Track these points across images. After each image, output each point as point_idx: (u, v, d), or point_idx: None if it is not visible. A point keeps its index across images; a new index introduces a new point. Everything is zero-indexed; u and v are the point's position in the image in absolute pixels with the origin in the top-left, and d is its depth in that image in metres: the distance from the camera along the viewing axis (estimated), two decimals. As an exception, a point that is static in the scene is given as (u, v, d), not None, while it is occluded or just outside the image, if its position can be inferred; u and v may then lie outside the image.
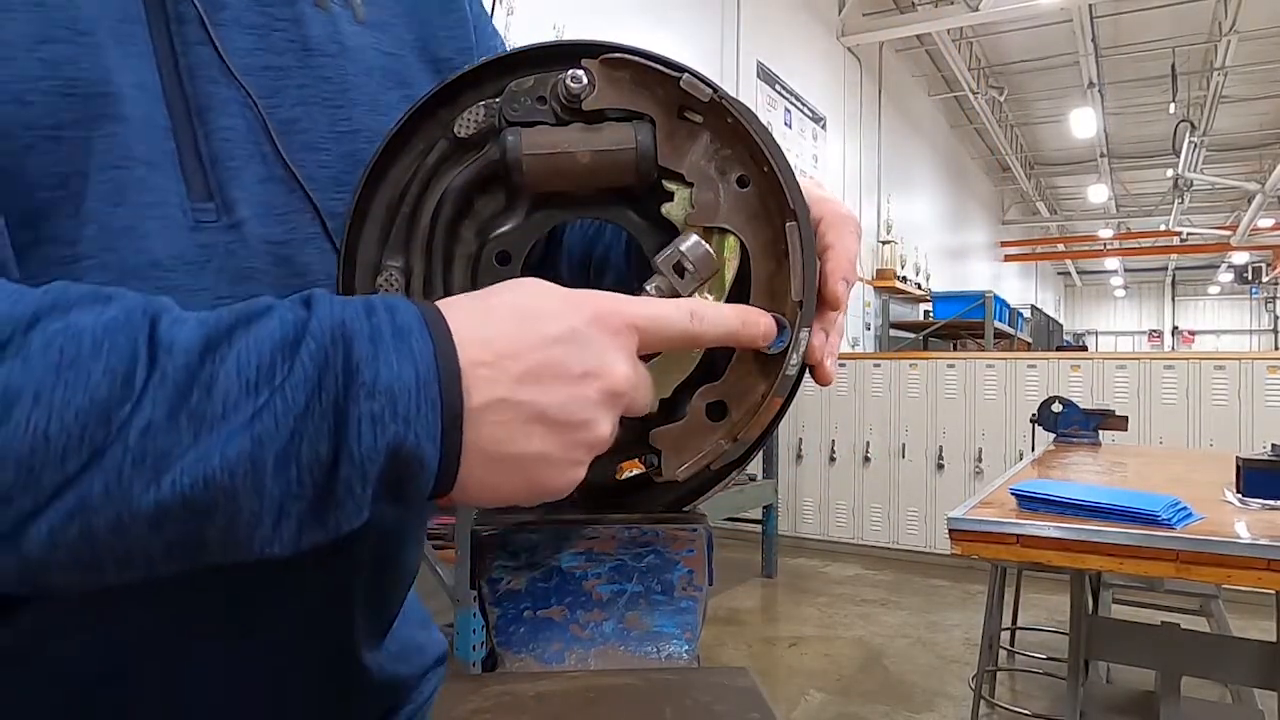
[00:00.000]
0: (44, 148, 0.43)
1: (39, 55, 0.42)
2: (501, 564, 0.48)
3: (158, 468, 0.34)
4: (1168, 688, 1.91)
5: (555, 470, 0.41)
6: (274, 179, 0.51)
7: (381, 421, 0.37)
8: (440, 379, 0.38)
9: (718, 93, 0.47)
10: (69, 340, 0.34)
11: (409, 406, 0.37)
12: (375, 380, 0.37)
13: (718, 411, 0.48)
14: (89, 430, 0.34)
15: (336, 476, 0.37)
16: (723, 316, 0.45)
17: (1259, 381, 4.30)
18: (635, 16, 4.45)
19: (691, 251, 0.48)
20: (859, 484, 5.22)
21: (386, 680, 0.62)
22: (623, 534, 0.49)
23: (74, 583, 0.36)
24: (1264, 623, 3.49)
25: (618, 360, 0.42)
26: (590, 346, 0.41)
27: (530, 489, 0.42)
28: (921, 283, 8.24)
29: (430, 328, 0.39)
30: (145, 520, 0.35)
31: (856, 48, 7.15)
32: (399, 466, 0.38)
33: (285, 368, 0.36)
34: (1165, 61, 9.07)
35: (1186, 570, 1.44)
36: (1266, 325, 23.97)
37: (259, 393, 0.36)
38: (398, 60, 0.59)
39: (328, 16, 0.55)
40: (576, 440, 0.41)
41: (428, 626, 0.70)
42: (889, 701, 3.04)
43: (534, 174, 0.48)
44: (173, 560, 0.37)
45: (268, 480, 0.36)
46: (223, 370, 0.36)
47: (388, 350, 0.38)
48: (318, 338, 0.37)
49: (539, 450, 0.41)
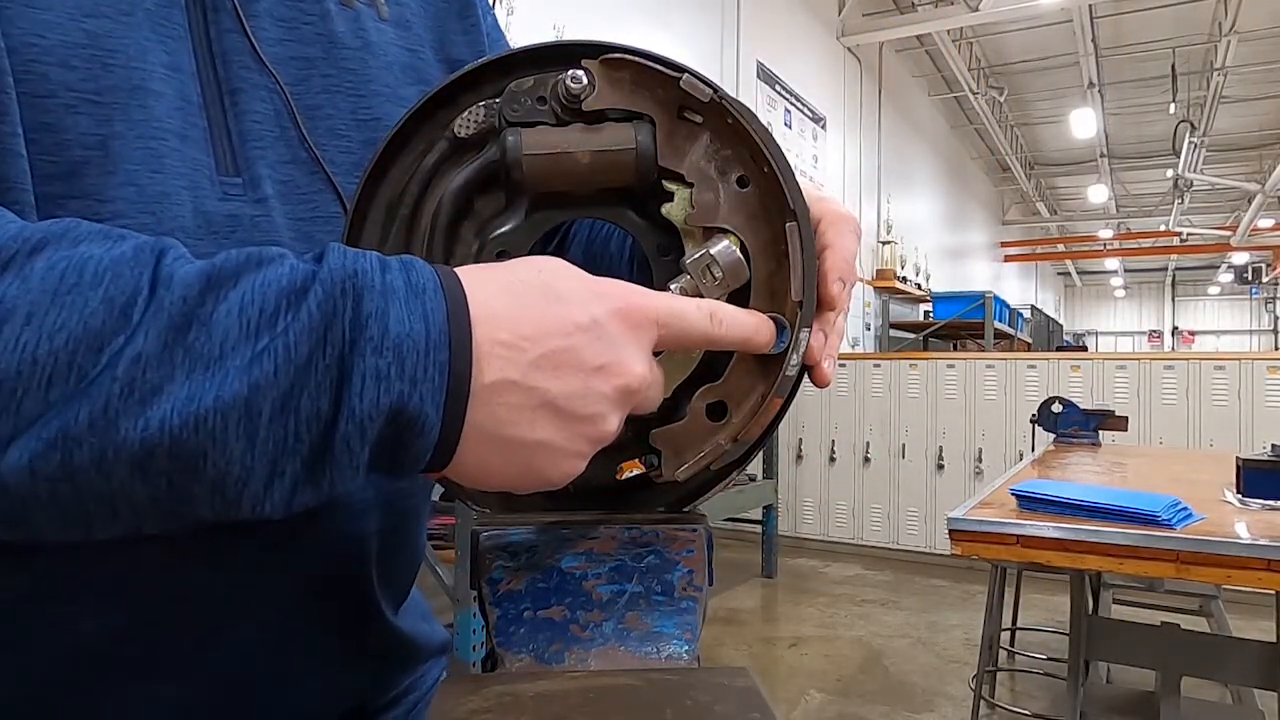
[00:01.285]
0: (85, 109, 0.45)
1: (84, 26, 0.45)
2: (501, 564, 0.48)
3: (146, 402, 0.33)
4: (1168, 688, 1.91)
5: (555, 460, 0.41)
6: (297, 161, 0.54)
7: (387, 379, 0.36)
8: (451, 345, 0.37)
9: (718, 93, 0.47)
10: (72, 267, 0.34)
11: (416, 367, 0.36)
12: (384, 336, 0.36)
13: (718, 412, 0.48)
14: (79, 357, 0.33)
15: (335, 433, 0.36)
16: (740, 322, 0.45)
17: (1259, 381, 4.30)
18: (635, 17, 4.45)
19: (723, 256, 0.47)
20: (859, 484, 5.22)
21: (407, 641, 0.64)
22: (623, 534, 0.49)
23: (57, 529, 0.35)
24: (1264, 623, 3.49)
25: (635, 357, 0.41)
26: (610, 340, 0.41)
27: (527, 476, 0.41)
28: (921, 283, 8.24)
29: (446, 291, 0.38)
30: (130, 460, 0.33)
31: (856, 48, 7.15)
32: (399, 429, 0.37)
33: (290, 315, 0.35)
34: (1165, 61, 9.07)
35: (1186, 570, 1.44)
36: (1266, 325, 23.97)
37: (259, 337, 0.35)
38: (417, 57, 0.62)
39: (353, 13, 0.58)
40: (582, 433, 0.41)
41: (430, 620, 0.71)
42: (889, 702, 3.04)
43: (534, 174, 0.48)
44: (160, 513, 0.35)
45: (262, 430, 0.34)
46: (224, 309, 0.35)
47: (399, 307, 0.37)
48: (326, 286, 0.36)
49: (542, 438, 0.40)
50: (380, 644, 0.61)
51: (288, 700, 0.56)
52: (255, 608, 0.52)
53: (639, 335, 0.42)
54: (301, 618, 0.55)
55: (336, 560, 0.56)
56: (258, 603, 0.52)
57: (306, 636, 0.55)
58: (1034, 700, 3.07)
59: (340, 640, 0.58)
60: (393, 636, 0.62)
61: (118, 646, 0.48)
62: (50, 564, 0.45)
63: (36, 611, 0.46)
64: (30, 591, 0.46)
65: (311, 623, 0.55)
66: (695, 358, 0.50)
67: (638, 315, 0.42)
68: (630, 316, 0.41)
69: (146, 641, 0.49)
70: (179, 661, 0.50)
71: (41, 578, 0.46)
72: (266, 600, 0.52)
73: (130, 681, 0.49)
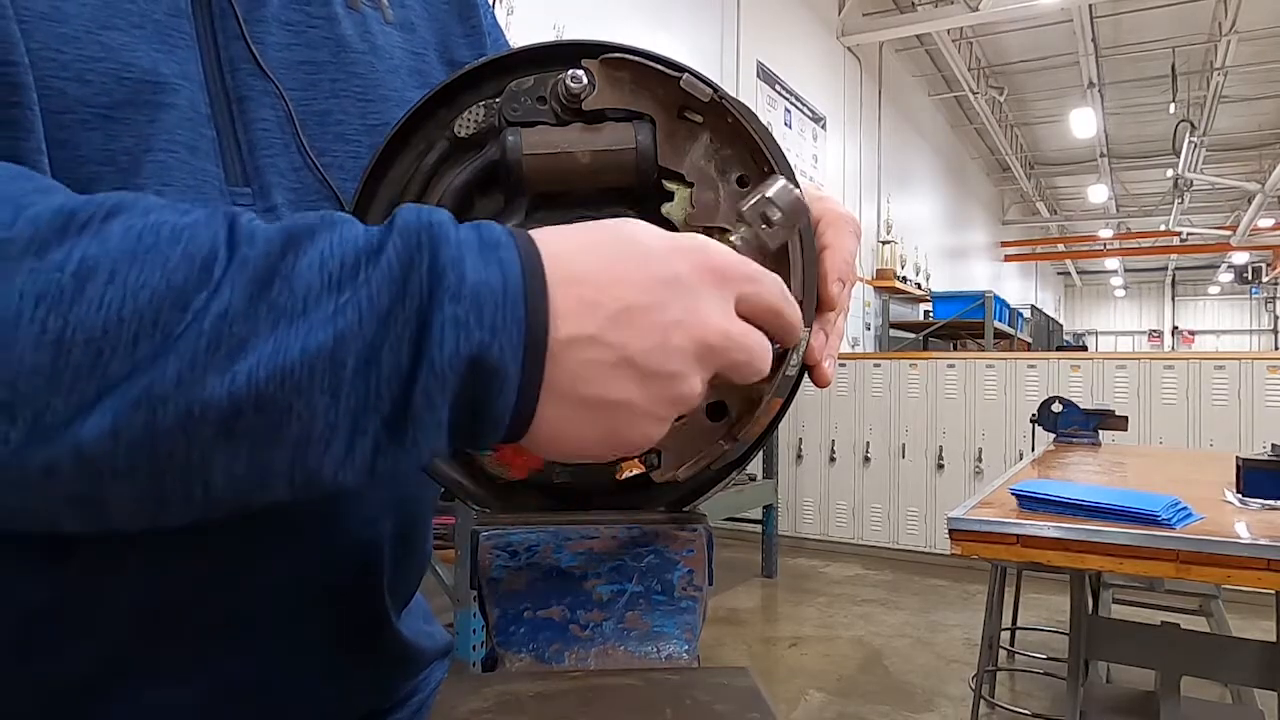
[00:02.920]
0: (98, 124, 0.45)
1: (100, 39, 0.45)
2: (501, 564, 0.48)
3: (233, 356, 0.32)
4: (1168, 688, 1.91)
5: (637, 423, 0.39)
6: (306, 168, 0.53)
7: (466, 327, 0.35)
8: (527, 296, 0.36)
9: (718, 93, 0.47)
10: (149, 229, 0.34)
11: (495, 316, 0.36)
12: (461, 284, 0.35)
13: (718, 411, 0.48)
14: (163, 314, 0.32)
15: (414, 387, 0.35)
16: (797, 310, 0.44)
17: (1259, 381, 4.30)
18: (635, 16, 4.45)
19: (780, 198, 0.45)
20: (859, 484, 5.22)
21: (412, 647, 0.64)
22: (623, 534, 0.49)
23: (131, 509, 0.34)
24: (1264, 623, 3.49)
25: (714, 312, 0.40)
26: (690, 295, 0.39)
27: (609, 440, 0.40)
28: (921, 283, 8.24)
29: (519, 247, 0.37)
30: (216, 418, 0.32)
31: (856, 47, 7.15)
32: (478, 383, 0.36)
33: (370, 267, 0.35)
34: (1165, 61, 9.07)
35: (1186, 570, 1.44)
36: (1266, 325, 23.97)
37: (342, 290, 0.34)
38: (422, 60, 0.62)
39: (359, 16, 0.58)
40: (664, 394, 0.39)
41: (431, 621, 0.71)
42: (889, 701, 3.04)
43: (534, 174, 0.48)
44: (236, 487, 0.34)
45: (346, 383, 0.34)
46: (304, 263, 0.34)
47: (475, 257, 0.36)
48: (405, 237, 0.36)
49: (622, 397, 0.38)
50: (387, 650, 0.62)
51: (299, 708, 0.56)
52: (271, 614, 0.52)
53: (721, 292, 0.40)
54: (316, 624, 0.55)
55: (350, 566, 0.56)
56: (273, 609, 0.52)
57: (319, 644, 0.56)
58: (1034, 700, 3.07)
59: (351, 647, 0.58)
60: (399, 643, 0.62)
61: (134, 653, 0.48)
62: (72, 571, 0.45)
63: (55, 619, 0.46)
64: (50, 599, 0.46)
65: (325, 630, 0.56)
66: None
67: (721, 272, 0.40)
68: (713, 272, 0.40)
69: (163, 649, 0.49)
70: (193, 670, 0.50)
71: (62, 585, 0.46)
72: (282, 606, 0.52)
73: (146, 688, 0.49)
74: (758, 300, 0.42)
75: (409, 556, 0.62)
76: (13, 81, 0.41)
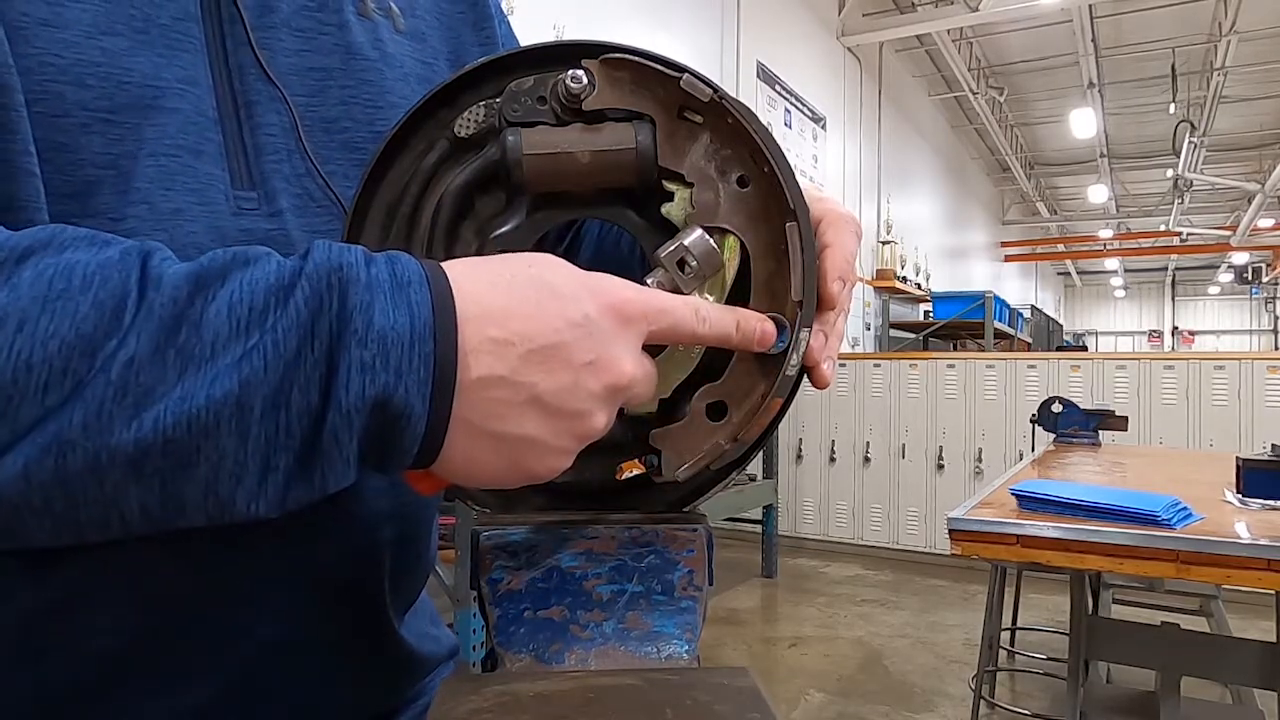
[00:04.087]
0: (98, 128, 0.45)
1: (100, 44, 0.45)
2: (501, 564, 0.48)
3: (140, 404, 0.33)
4: (1168, 688, 1.91)
5: (542, 455, 0.41)
6: (311, 174, 0.54)
7: (371, 370, 0.36)
8: (436, 338, 0.37)
9: (718, 93, 0.47)
10: (60, 274, 0.34)
11: (401, 358, 0.36)
12: (369, 328, 0.36)
13: (718, 412, 0.48)
14: (72, 362, 0.33)
15: (323, 427, 0.36)
16: (721, 319, 0.45)
17: (1259, 382, 4.29)
18: (635, 17, 4.45)
19: (695, 246, 0.47)
20: (859, 484, 5.22)
21: (417, 652, 0.64)
22: (623, 534, 0.49)
23: (49, 536, 0.35)
24: (1264, 623, 3.49)
25: (625, 354, 0.41)
26: (601, 336, 0.40)
27: (514, 471, 0.41)
28: (921, 283, 8.24)
29: (432, 285, 0.38)
30: (124, 461, 0.34)
31: (856, 48, 7.14)
32: (386, 422, 0.37)
33: (279, 311, 0.36)
34: (1165, 61, 9.06)
35: (1186, 570, 1.44)
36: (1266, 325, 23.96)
37: (249, 334, 0.35)
38: (432, 69, 0.62)
39: (370, 24, 0.58)
40: (569, 429, 0.41)
41: (438, 623, 0.71)
42: (889, 701, 3.04)
43: (534, 174, 0.48)
44: (151, 518, 0.36)
45: (254, 426, 0.35)
46: (213, 309, 0.35)
47: (384, 300, 0.37)
48: (313, 282, 0.36)
49: (529, 433, 0.40)
50: (390, 655, 0.62)
51: (300, 713, 0.56)
52: (271, 619, 0.52)
53: (629, 331, 0.42)
54: (317, 630, 0.55)
55: (350, 572, 0.56)
56: (274, 614, 0.52)
57: (320, 649, 0.55)
58: (1034, 700, 3.07)
59: (353, 653, 0.58)
60: (402, 647, 0.62)
61: (134, 659, 0.48)
62: (70, 574, 0.45)
63: (55, 622, 0.46)
64: (49, 602, 0.46)
65: (327, 635, 0.56)
66: (695, 358, 0.50)
67: (628, 311, 0.42)
68: (621, 312, 0.41)
69: (163, 656, 0.49)
70: (193, 677, 0.50)
71: (61, 588, 0.46)
72: (282, 612, 0.52)
73: (146, 695, 0.49)
74: (671, 332, 0.44)
75: (411, 562, 0.62)
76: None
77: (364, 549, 0.56)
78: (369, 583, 0.58)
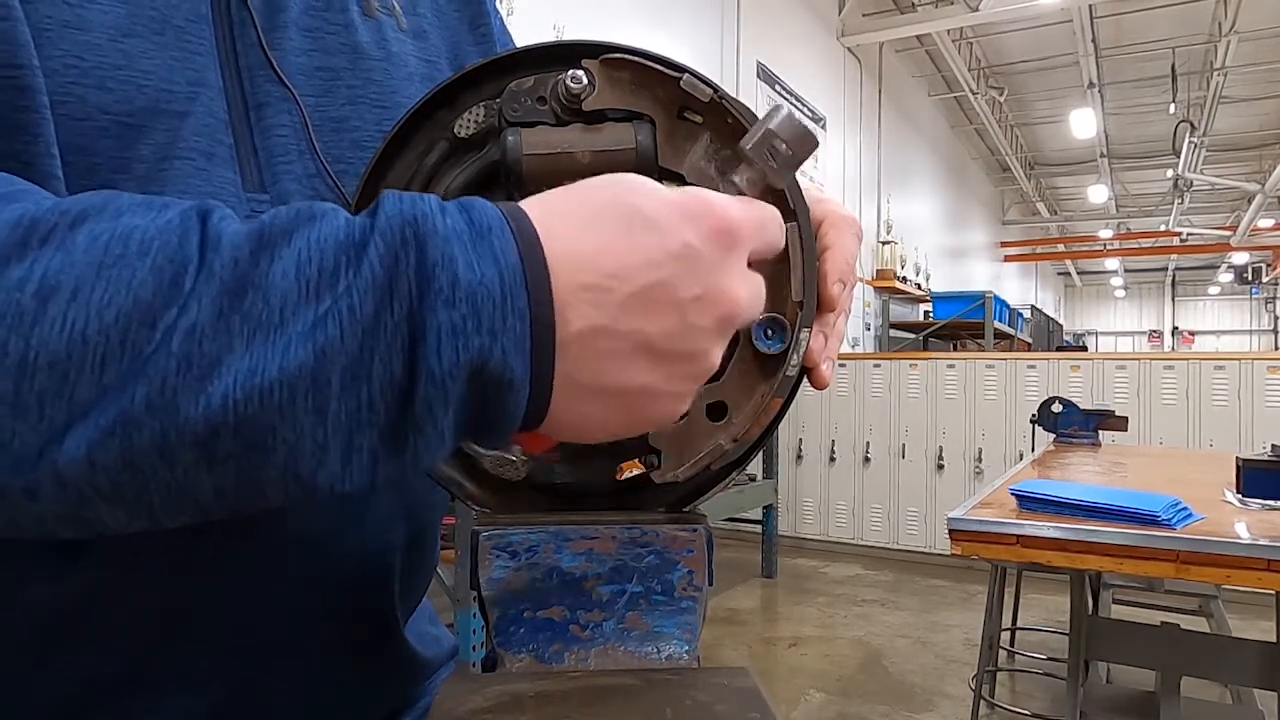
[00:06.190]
0: (116, 131, 0.44)
1: (121, 47, 0.45)
2: (501, 564, 0.48)
3: (206, 376, 0.30)
4: (1168, 688, 1.91)
5: (658, 403, 0.38)
6: (321, 174, 0.53)
7: (463, 334, 0.32)
8: (529, 289, 0.34)
9: (718, 93, 0.47)
10: (116, 239, 0.31)
11: (494, 317, 0.33)
12: (454, 286, 0.33)
13: (718, 412, 0.48)
14: (131, 334, 0.30)
15: (413, 398, 0.32)
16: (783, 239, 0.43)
17: (1259, 382, 4.30)
18: (635, 17, 4.45)
19: (784, 127, 0.43)
20: (859, 484, 5.22)
21: (420, 654, 0.64)
22: (623, 534, 0.49)
23: (123, 521, 0.33)
24: (1264, 623, 3.49)
25: (733, 281, 0.38)
26: (705, 265, 0.37)
27: (629, 423, 0.38)
28: (921, 283, 8.24)
29: (515, 230, 0.35)
30: (194, 440, 0.31)
31: (856, 48, 7.15)
32: (485, 388, 0.34)
33: (351, 271, 0.32)
34: (1165, 61, 9.07)
35: (1186, 570, 1.44)
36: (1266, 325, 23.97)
37: (321, 298, 0.32)
38: (434, 68, 0.62)
39: (375, 24, 0.58)
40: (685, 371, 0.38)
41: (437, 623, 0.71)
42: (889, 701, 3.04)
43: (534, 174, 0.48)
44: (226, 501, 0.33)
45: (333, 401, 0.31)
46: (278, 269, 0.32)
47: (467, 251, 0.33)
48: (386, 238, 0.33)
49: (643, 383, 0.37)
50: (396, 657, 0.62)
51: (308, 715, 0.56)
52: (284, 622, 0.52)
53: (735, 255, 0.38)
54: (328, 632, 0.55)
55: (363, 574, 0.56)
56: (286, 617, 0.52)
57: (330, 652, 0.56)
58: (1034, 700, 3.07)
59: (361, 655, 0.58)
60: (407, 649, 0.62)
61: (149, 660, 0.48)
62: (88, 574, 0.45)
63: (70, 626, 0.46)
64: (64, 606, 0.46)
65: (337, 637, 0.56)
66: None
67: (734, 234, 0.38)
68: (726, 236, 0.38)
69: (178, 655, 0.49)
70: (208, 677, 0.50)
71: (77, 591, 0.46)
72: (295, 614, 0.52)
73: (160, 695, 0.49)
74: (767, 249, 0.42)
75: (419, 564, 0.62)
76: (21, 85, 0.41)
77: (376, 551, 0.56)
78: (380, 584, 0.58)
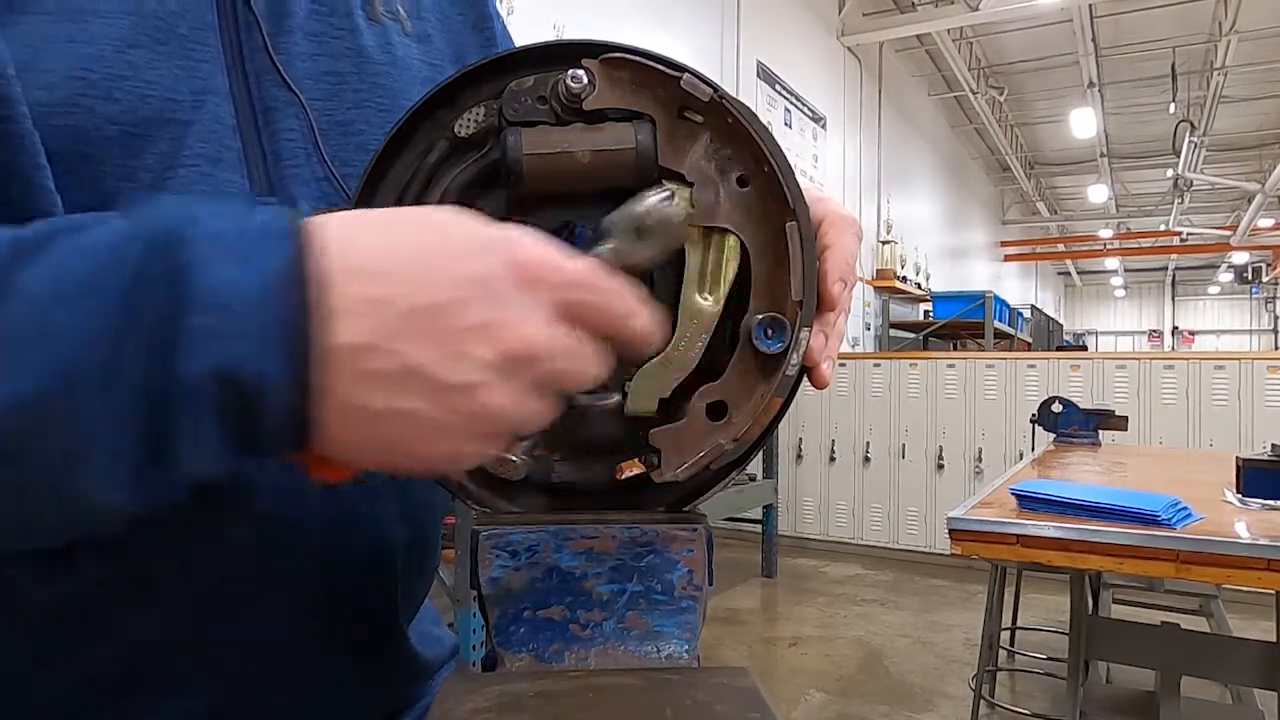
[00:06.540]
0: (122, 140, 0.45)
1: (127, 57, 0.45)
2: (501, 564, 0.48)
3: None
4: (1168, 688, 1.91)
5: (428, 436, 0.35)
6: (328, 178, 0.54)
7: (216, 338, 0.32)
8: (296, 294, 0.33)
9: (718, 92, 0.47)
10: None
11: (247, 322, 0.32)
12: (207, 289, 0.32)
13: (718, 411, 0.48)
14: None
15: (169, 404, 0.32)
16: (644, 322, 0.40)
17: (1259, 381, 4.30)
18: (635, 16, 4.45)
19: (653, 210, 0.45)
20: (859, 484, 5.22)
21: (421, 655, 0.64)
22: (623, 534, 0.49)
23: None
24: (1264, 623, 3.49)
25: (525, 319, 0.35)
26: (497, 297, 0.35)
27: (401, 453, 0.36)
28: (921, 283, 8.24)
29: (294, 239, 0.33)
30: None
31: (856, 47, 7.15)
32: (243, 395, 0.32)
33: (103, 277, 0.32)
34: (1165, 61, 9.07)
35: (1186, 570, 1.44)
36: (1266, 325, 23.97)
37: (72, 305, 0.31)
38: (438, 71, 0.62)
39: (379, 28, 0.59)
40: (460, 406, 0.35)
41: (438, 623, 0.71)
42: (889, 701, 3.04)
43: (534, 174, 0.48)
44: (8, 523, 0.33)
45: (85, 406, 0.31)
46: (32, 277, 0.32)
47: (225, 256, 0.32)
48: (141, 244, 0.32)
49: (408, 408, 0.34)
50: (398, 658, 0.62)
51: (310, 716, 0.56)
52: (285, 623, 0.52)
53: (534, 295, 0.36)
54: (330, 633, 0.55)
55: (365, 576, 0.56)
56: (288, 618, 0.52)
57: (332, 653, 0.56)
58: (1034, 700, 3.07)
59: (363, 656, 0.58)
60: (408, 650, 0.62)
61: (149, 661, 0.48)
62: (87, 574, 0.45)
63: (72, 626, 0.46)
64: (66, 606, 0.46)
65: (339, 639, 0.56)
66: (695, 356, 0.50)
67: (535, 271, 0.36)
68: (525, 273, 0.36)
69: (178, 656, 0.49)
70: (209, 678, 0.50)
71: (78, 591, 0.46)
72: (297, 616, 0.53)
73: (161, 696, 0.49)
74: (591, 309, 0.38)
75: (421, 565, 0.62)
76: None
77: (378, 552, 0.56)
78: (381, 585, 0.58)
